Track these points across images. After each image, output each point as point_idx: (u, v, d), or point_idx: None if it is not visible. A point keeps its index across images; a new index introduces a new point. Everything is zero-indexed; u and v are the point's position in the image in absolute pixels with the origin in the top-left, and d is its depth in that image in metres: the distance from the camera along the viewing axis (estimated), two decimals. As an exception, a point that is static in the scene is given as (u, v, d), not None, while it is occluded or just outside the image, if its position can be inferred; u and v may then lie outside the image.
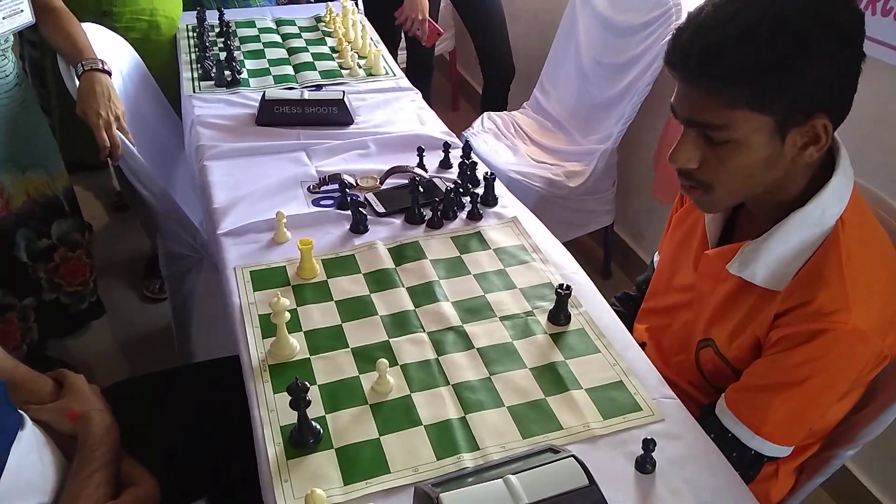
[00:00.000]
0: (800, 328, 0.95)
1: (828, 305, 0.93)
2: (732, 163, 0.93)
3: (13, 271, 1.70)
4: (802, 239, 0.97)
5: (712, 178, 0.97)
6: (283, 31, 2.26)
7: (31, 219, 1.70)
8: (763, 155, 0.92)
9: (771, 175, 0.95)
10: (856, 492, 1.81)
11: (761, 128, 0.90)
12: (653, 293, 1.28)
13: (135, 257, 2.57)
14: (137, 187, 1.66)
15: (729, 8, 0.87)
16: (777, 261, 0.99)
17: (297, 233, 1.35)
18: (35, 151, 1.69)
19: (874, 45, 1.51)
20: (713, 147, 0.94)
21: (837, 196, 0.97)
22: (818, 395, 0.97)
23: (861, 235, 0.97)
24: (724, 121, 0.90)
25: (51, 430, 1.02)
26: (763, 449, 1.01)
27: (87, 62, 1.62)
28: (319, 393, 1.04)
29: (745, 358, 1.05)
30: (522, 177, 2.20)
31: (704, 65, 0.88)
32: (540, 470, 0.83)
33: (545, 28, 2.85)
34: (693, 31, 0.89)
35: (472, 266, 1.31)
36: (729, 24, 0.86)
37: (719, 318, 1.09)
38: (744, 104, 0.88)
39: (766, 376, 0.99)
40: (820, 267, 0.96)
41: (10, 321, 1.74)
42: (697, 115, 0.93)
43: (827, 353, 0.94)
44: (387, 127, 1.75)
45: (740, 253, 1.03)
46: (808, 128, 0.91)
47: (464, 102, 3.80)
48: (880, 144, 1.60)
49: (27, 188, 1.68)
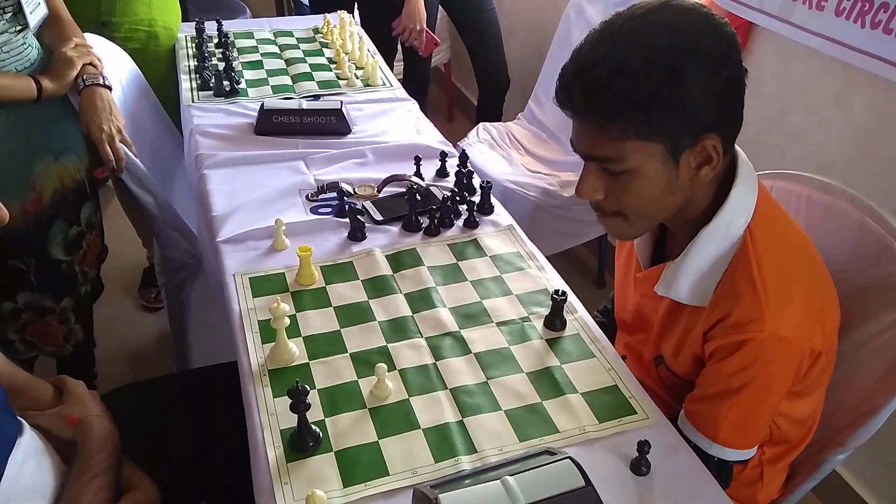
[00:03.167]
0: (725, 341, 0.98)
1: (744, 317, 0.96)
2: (634, 190, 0.97)
3: (48, 270, 1.68)
4: (715, 254, 1.00)
5: (620, 207, 1.00)
6: (281, 42, 2.29)
7: (63, 207, 1.66)
8: (661, 180, 0.95)
9: (675, 197, 0.98)
10: (846, 496, 1.82)
11: (653, 155, 0.93)
12: (618, 310, 1.31)
13: (132, 266, 2.58)
14: (140, 195, 1.67)
15: (603, 46, 0.91)
16: (695, 277, 1.02)
17: (295, 240, 1.37)
18: (66, 136, 1.67)
19: (865, 57, 1.53)
20: (614, 177, 0.97)
21: (741, 207, 1.00)
22: (759, 399, 1.00)
23: (771, 241, 1.00)
24: (617, 153, 0.94)
25: (50, 436, 1.03)
26: (724, 455, 1.03)
27: (88, 77, 1.63)
28: (319, 397, 1.05)
29: (692, 371, 1.08)
30: (517, 187, 2.22)
31: (588, 102, 0.92)
32: (537, 471, 0.84)
33: (540, 39, 2.88)
34: (575, 69, 0.93)
35: (468, 273, 1.32)
36: (603, 62, 0.90)
37: (663, 336, 1.13)
38: (632, 135, 0.92)
39: (709, 387, 1.03)
40: (733, 280, 0.99)
41: (50, 323, 1.72)
42: (592, 150, 0.97)
43: (754, 360, 0.97)
44: (384, 136, 1.77)
45: (663, 274, 1.06)
46: (699, 149, 0.94)
47: (459, 113, 3.82)
48: (872, 155, 1.62)
49: (62, 176, 1.64)
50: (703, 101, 0.90)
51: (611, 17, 0.94)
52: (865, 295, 1.14)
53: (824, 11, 1.60)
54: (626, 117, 0.91)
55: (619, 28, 0.91)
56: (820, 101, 1.72)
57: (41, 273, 1.65)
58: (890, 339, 1.11)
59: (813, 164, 1.76)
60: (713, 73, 0.90)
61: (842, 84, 1.66)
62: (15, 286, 1.64)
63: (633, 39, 0.89)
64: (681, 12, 0.91)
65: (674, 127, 0.91)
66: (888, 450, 1.69)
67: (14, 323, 1.67)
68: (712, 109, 0.91)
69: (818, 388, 1.09)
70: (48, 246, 1.66)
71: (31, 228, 1.61)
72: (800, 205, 1.23)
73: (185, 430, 1.25)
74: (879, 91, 1.57)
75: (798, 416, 1.10)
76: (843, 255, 1.16)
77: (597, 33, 0.94)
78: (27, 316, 1.67)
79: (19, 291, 1.65)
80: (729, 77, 0.92)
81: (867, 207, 1.16)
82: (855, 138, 1.65)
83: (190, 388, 1.39)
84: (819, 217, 1.21)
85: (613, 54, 0.89)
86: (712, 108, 0.91)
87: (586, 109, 0.93)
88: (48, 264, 1.67)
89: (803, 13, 1.65)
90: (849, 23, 1.55)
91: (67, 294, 1.73)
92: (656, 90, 0.88)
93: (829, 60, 1.65)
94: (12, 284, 1.64)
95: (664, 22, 0.90)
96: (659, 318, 1.12)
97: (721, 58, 0.90)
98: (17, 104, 1.53)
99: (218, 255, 1.36)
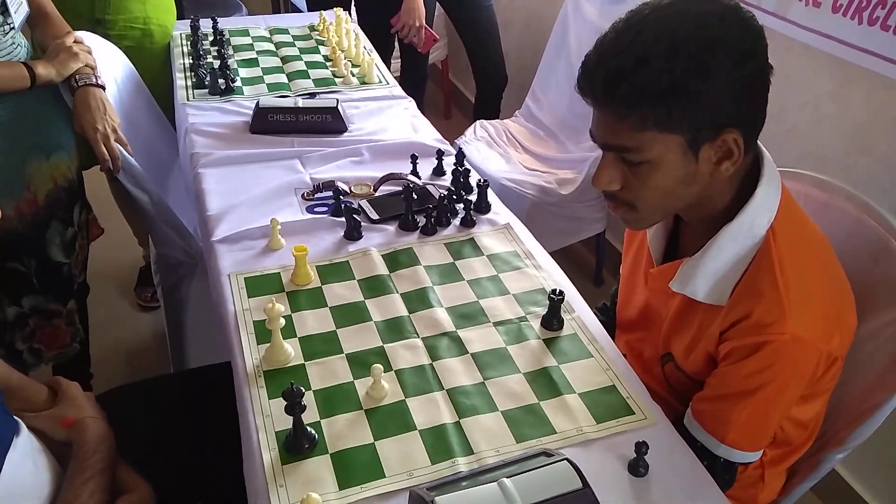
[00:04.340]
0: (744, 342, 0.97)
1: (765, 318, 0.95)
2: (651, 182, 0.96)
3: (50, 273, 1.67)
4: (735, 253, 0.99)
5: (635, 198, 0.99)
6: (277, 40, 2.27)
7: (58, 208, 1.66)
8: (679, 172, 0.95)
9: (692, 191, 0.97)
10: (846, 495, 1.82)
11: (673, 147, 0.92)
12: (621, 307, 1.30)
13: (127, 266, 2.57)
14: (136, 194, 1.67)
15: (627, 35, 0.90)
16: (714, 276, 1.01)
17: (291, 239, 1.36)
18: (57, 135, 1.66)
19: (863, 54, 1.53)
20: (632, 168, 0.96)
21: (765, 206, 0.99)
22: (773, 401, 0.99)
23: (793, 243, 0.99)
24: (636, 143, 0.93)
25: (45, 438, 1.02)
26: (731, 456, 1.03)
27: (82, 77, 1.63)
28: (314, 398, 1.04)
29: (703, 370, 1.07)
30: (515, 184, 2.21)
31: (609, 91, 0.91)
32: (534, 473, 0.84)
33: (537, 37, 2.87)
34: (598, 58, 0.93)
35: (465, 272, 1.32)
36: (627, 50, 0.89)
37: (674, 334, 1.11)
38: (652, 126, 0.91)
39: (723, 387, 1.02)
40: (755, 280, 0.98)
41: (59, 326, 1.72)
42: (611, 139, 0.96)
43: (773, 362, 0.96)
44: (380, 134, 1.76)
45: (680, 270, 1.05)
46: (720, 143, 0.93)
47: (456, 111, 3.81)
48: (869, 151, 1.62)
49: (53, 175, 1.63)
50: (726, 94, 0.89)
51: (638, 6, 0.93)
52: (864, 293, 1.13)
53: (821, 8, 1.60)
54: (646, 107, 0.90)
55: (645, 17, 0.91)
56: (817, 98, 1.72)
57: (43, 276, 1.65)
58: (889, 337, 1.10)
59: (810, 160, 1.76)
60: (738, 66, 0.88)
61: (838, 80, 1.65)
62: (18, 289, 1.63)
63: (659, 29, 0.89)
64: (708, 3, 0.90)
65: (695, 119, 0.90)
66: (887, 449, 1.69)
67: (22, 331, 1.66)
68: (735, 103, 0.90)
69: (825, 392, 1.08)
70: (48, 248, 1.65)
71: (28, 230, 1.60)
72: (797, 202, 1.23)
73: (181, 432, 1.24)
74: (876, 87, 1.57)
75: (803, 419, 1.09)
76: (841, 253, 1.15)
77: (622, 22, 0.92)
78: (34, 321, 1.67)
79: (23, 295, 1.64)
80: (754, 71, 0.91)
81: (865, 205, 1.16)
82: (852, 135, 1.65)
83: (186, 388, 1.39)
84: (816, 214, 1.20)
85: (638, 43, 0.89)
86: (735, 102, 0.90)
87: (607, 98, 0.92)
88: (50, 267, 1.66)
89: (800, 10, 1.65)
90: (845, 19, 1.54)
91: (72, 296, 1.73)
92: (679, 81, 0.87)
93: (826, 57, 1.65)
94: (15, 288, 1.63)
95: (691, 13, 0.89)
96: (670, 315, 1.11)
97: (747, 51, 0.90)
98: (8, 100, 1.52)
99: (213, 254, 1.35)
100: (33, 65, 1.54)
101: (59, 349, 1.74)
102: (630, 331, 1.26)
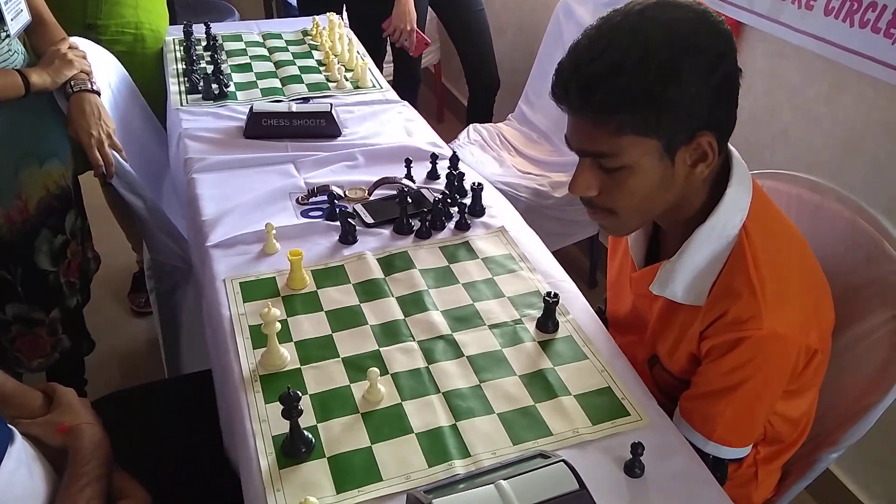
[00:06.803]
0: (722, 339, 0.98)
1: (742, 314, 0.96)
2: (629, 187, 0.97)
3: (36, 281, 1.66)
4: (710, 253, 1.01)
5: (613, 204, 1.00)
6: (270, 45, 2.28)
7: (49, 216, 1.65)
8: (656, 176, 0.96)
9: (669, 194, 0.99)
10: (839, 495, 1.83)
11: (649, 151, 0.93)
12: (611, 312, 1.31)
13: (120, 272, 2.56)
14: (130, 199, 1.66)
15: (600, 43, 0.92)
16: (691, 277, 1.02)
17: (286, 244, 1.36)
18: (51, 142, 1.65)
19: (854, 56, 1.54)
20: (609, 174, 0.97)
21: (736, 206, 1.00)
22: (756, 396, 1.01)
23: (767, 240, 1.00)
24: (613, 148, 0.94)
25: (41, 445, 1.02)
26: (719, 453, 1.04)
27: (77, 83, 1.62)
28: (311, 402, 1.05)
29: (687, 370, 1.08)
30: (508, 187, 2.21)
31: (585, 98, 0.92)
32: (531, 475, 0.84)
33: (530, 40, 2.87)
34: (572, 65, 0.94)
35: (460, 275, 1.32)
36: (600, 58, 0.90)
37: (658, 336, 1.13)
38: (628, 130, 0.92)
39: (706, 385, 1.03)
40: (730, 278, 0.99)
41: (39, 335, 1.70)
42: (587, 145, 0.97)
43: (752, 357, 0.97)
44: (374, 139, 1.76)
45: (659, 273, 1.06)
46: (695, 146, 0.94)
47: (449, 115, 3.82)
48: (860, 153, 1.63)
49: (46, 182, 1.62)
50: (700, 98, 0.90)
51: (608, 13, 0.94)
52: (856, 294, 1.14)
53: (813, 11, 1.61)
54: (621, 114, 0.91)
55: (617, 24, 0.92)
56: (809, 101, 1.73)
57: (28, 284, 1.64)
58: (881, 338, 1.11)
59: (802, 163, 1.77)
60: (710, 70, 0.90)
61: (831, 83, 1.67)
62: (1, 297, 1.62)
63: (631, 36, 0.90)
64: (678, 9, 0.92)
65: (670, 124, 0.91)
66: (881, 448, 1.70)
67: (5, 335, 1.65)
68: (708, 107, 0.91)
69: (812, 388, 1.10)
70: (35, 256, 1.64)
71: (16, 237, 1.59)
72: (790, 204, 1.23)
73: (177, 436, 1.24)
74: (868, 90, 1.58)
75: (792, 415, 1.10)
76: (834, 254, 1.17)
77: (594, 29, 0.94)
78: (16, 329, 1.66)
79: (6, 303, 1.63)
80: (725, 75, 0.92)
81: (857, 206, 1.16)
82: (844, 137, 1.66)
83: (181, 393, 1.39)
84: (809, 216, 1.21)
85: (610, 50, 0.90)
86: (708, 106, 0.91)
87: (582, 105, 0.93)
88: (35, 275, 1.65)
89: (792, 12, 1.66)
90: (838, 22, 1.56)
91: (56, 305, 1.71)
92: (653, 87, 0.89)
93: (819, 59, 1.66)
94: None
95: (661, 19, 0.91)
96: (654, 317, 1.12)
97: (718, 55, 0.91)
98: (2, 108, 1.51)
99: (208, 259, 1.35)
100: (27, 73, 1.54)
101: (38, 359, 1.73)
102: (622, 335, 1.27)
